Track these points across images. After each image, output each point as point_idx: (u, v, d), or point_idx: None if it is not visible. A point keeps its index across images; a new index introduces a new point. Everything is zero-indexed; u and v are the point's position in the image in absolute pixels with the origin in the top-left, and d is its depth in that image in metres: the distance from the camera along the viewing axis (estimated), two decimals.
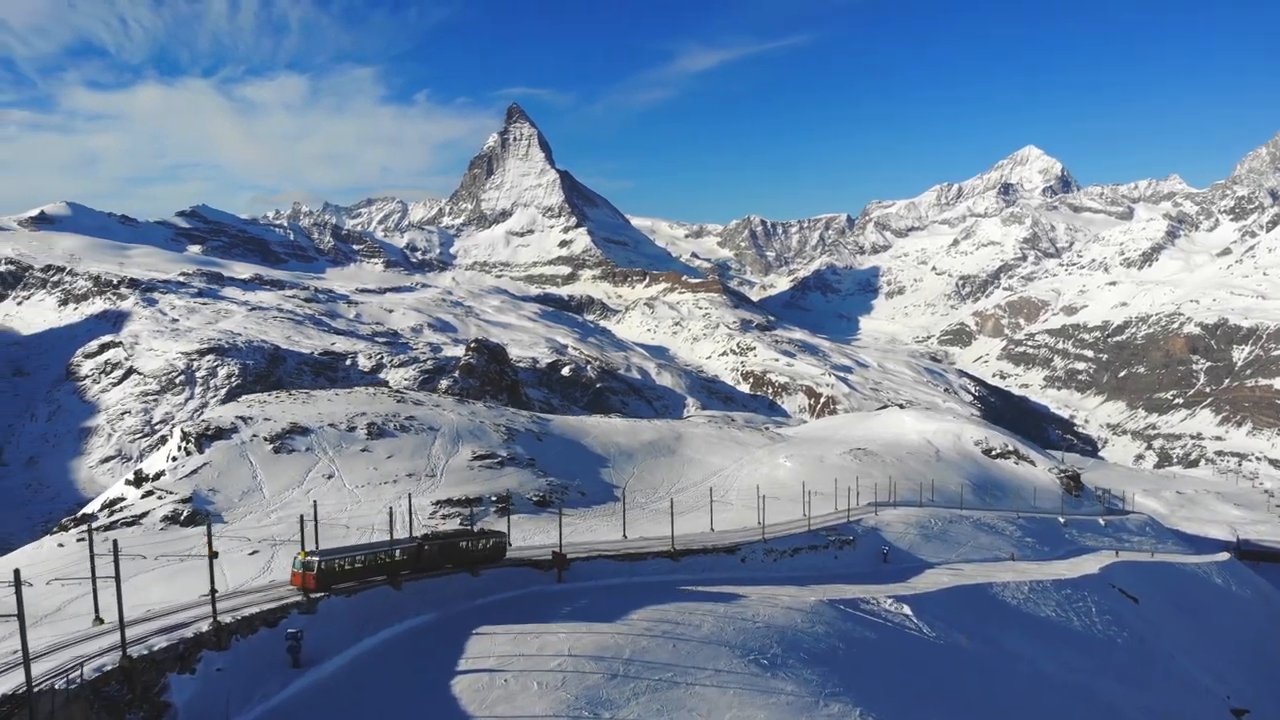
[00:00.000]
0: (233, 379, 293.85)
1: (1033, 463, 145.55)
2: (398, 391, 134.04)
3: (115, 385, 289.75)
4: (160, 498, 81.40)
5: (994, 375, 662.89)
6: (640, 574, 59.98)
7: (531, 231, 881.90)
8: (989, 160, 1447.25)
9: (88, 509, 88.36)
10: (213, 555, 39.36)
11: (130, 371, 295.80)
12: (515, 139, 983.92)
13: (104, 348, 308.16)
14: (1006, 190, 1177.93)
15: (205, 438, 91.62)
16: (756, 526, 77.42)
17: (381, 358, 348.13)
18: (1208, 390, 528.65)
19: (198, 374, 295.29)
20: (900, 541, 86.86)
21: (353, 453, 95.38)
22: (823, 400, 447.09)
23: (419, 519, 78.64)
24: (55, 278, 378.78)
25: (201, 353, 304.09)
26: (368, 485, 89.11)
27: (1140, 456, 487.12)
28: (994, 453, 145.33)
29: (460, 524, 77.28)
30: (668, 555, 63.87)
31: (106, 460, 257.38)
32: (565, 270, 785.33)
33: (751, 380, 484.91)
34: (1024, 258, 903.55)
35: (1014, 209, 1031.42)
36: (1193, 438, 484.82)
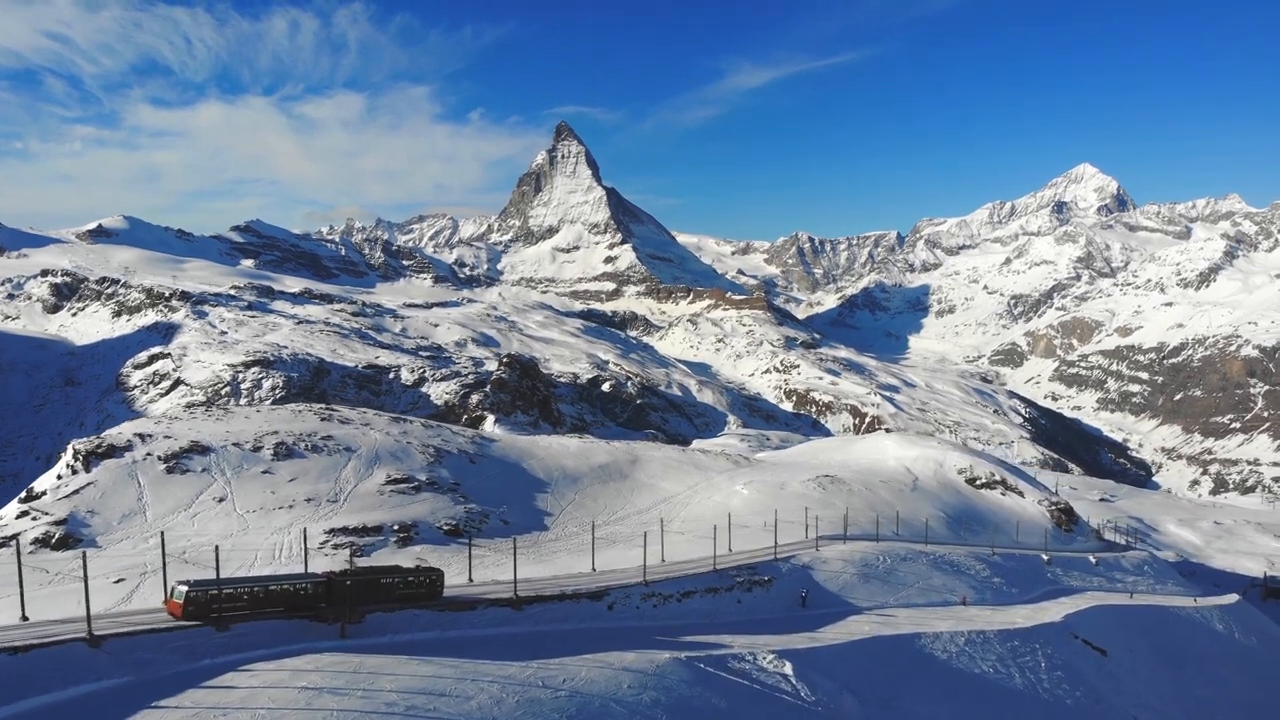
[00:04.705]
0: (277, 391, 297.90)
1: (1021, 493, 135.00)
2: (329, 409, 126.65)
3: (163, 396, 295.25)
4: (35, 518, 76.96)
5: (1045, 397, 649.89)
6: (462, 627, 51.00)
7: (577, 248, 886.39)
8: (1043, 178, 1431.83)
9: None
10: None
11: (178, 383, 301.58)
12: (563, 156, 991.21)
13: (153, 359, 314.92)
14: (1060, 208, 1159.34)
15: (95, 455, 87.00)
16: (658, 564, 69.86)
17: (424, 371, 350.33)
18: (1266, 415, 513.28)
19: (243, 386, 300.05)
20: (831, 582, 77.11)
21: (253, 474, 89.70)
22: (868, 420, 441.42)
23: (305, 548, 72.69)
24: (110, 290, 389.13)
25: (247, 365, 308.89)
26: (260, 510, 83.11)
27: (1195, 482, 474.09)
28: (979, 482, 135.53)
29: (352, 554, 73.55)
30: (508, 603, 54.41)
31: None
32: (610, 286, 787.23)
33: (795, 399, 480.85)
34: (1078, 277, 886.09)
35: (1068, 228, 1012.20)
36: (1249, 463, 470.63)
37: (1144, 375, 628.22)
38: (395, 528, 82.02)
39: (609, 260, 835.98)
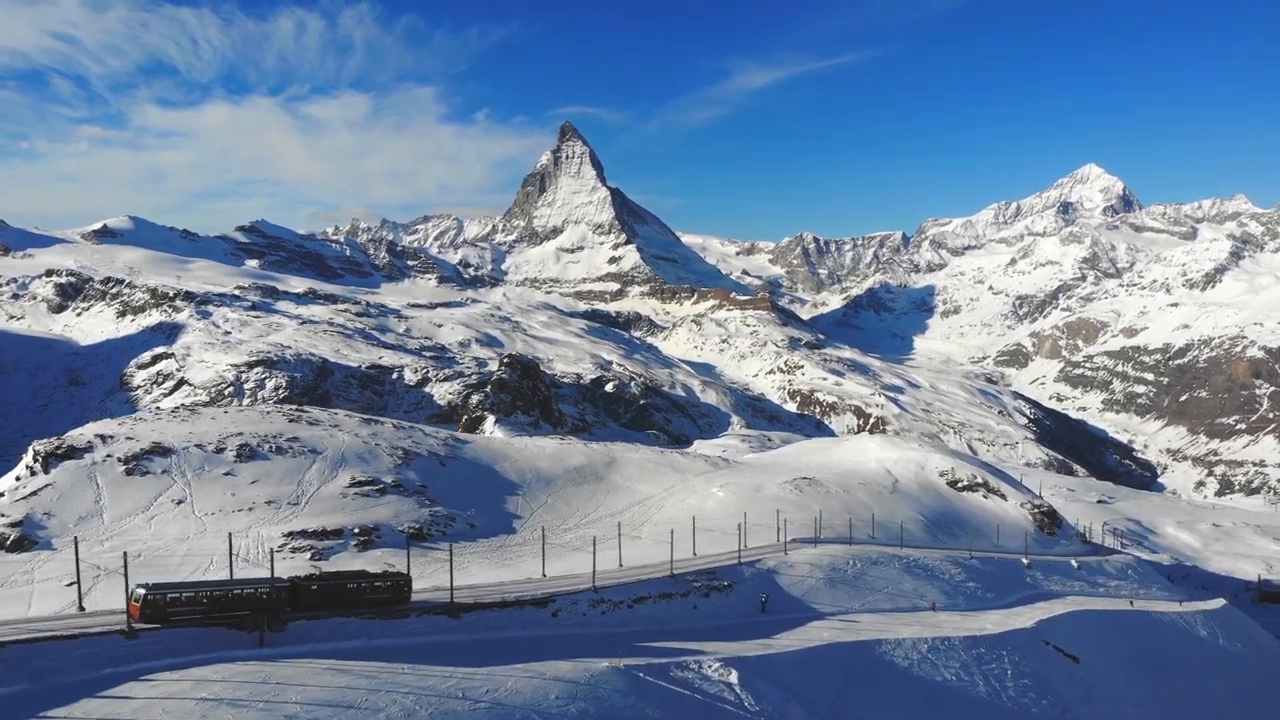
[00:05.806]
0: (280, 391, 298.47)
1: (1004, 496, 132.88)
2: (298, 410, 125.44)
3: (166, 396, 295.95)
4: None
5: (1051, 398, 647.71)
6: (391, 635, 48.48)
7: (581, 248, 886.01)
8: (1048, 178, 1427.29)
9: None
10: None
11: (181, 383, 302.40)
12: (567, 157, 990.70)
13: (157, 359, 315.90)
14: (1066, 209, 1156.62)
15: (55, 456, 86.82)
16: (615, 569, 68.49)
17: (427, 372, 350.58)
18: (1271, 416, 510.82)
19: (246, 386, 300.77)
20: (796, 587, 74.57)
21: (214, 476, 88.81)
22: (872, 421, 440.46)
23: (262, 551, 72.53)
24: (114, 290, 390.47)
25: (251, 365, 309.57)
26: (219, 513, 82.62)
27: (1201, 484, 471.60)
28: (960, 485, 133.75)
29: (311, 559, 72.99)
30: (443, 610, 52.60)
31: None
32: (614, 287, 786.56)
33: (799, 399, 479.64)
34: (1083, 278, 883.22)
35: (1073, 228, 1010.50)
36: (1255, 465, 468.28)
37: (1149, 376, 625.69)
38: (356, 531, 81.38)
39: (613, 261, 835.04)
